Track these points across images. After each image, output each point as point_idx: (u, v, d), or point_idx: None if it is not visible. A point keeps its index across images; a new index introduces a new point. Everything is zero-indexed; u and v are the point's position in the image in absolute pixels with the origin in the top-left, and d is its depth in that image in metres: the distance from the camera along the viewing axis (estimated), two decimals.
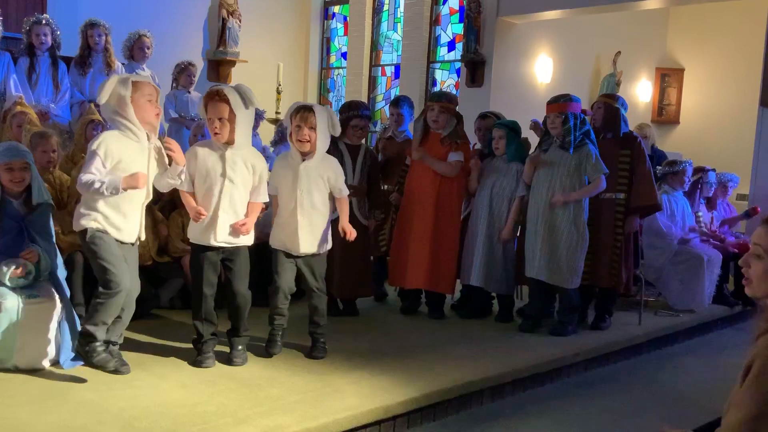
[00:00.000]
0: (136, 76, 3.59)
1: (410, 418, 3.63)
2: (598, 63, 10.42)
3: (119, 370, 3.60)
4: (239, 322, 3.96)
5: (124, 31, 6.88)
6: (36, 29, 6.11)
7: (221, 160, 3.75)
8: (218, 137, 3.74)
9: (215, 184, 3.75)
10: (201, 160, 3.77)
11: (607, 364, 4.94)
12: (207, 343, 3.88)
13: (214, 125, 3.71)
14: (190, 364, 3.84)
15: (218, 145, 3.77)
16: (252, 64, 9.95)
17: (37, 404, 3.18)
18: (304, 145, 4.00)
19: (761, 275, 1.87)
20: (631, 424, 3.88)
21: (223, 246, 3.81)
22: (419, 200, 5.19)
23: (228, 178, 3.75)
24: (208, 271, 3.83)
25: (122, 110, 3.46)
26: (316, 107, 4.05)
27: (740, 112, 9.64)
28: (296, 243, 4.03)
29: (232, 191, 3.77)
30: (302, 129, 3.97)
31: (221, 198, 3.75)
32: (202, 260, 3.81)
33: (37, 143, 4.59)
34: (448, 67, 10.08)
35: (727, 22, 10.34)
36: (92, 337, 3.50)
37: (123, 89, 3.45)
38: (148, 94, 3.52)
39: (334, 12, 11.53)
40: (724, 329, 6.23)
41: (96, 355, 3.51)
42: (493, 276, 5.18)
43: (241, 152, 3.79)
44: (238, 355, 3.92)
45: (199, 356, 3.85)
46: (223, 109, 3.69)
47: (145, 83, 3.55)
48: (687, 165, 6.26)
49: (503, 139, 5.19)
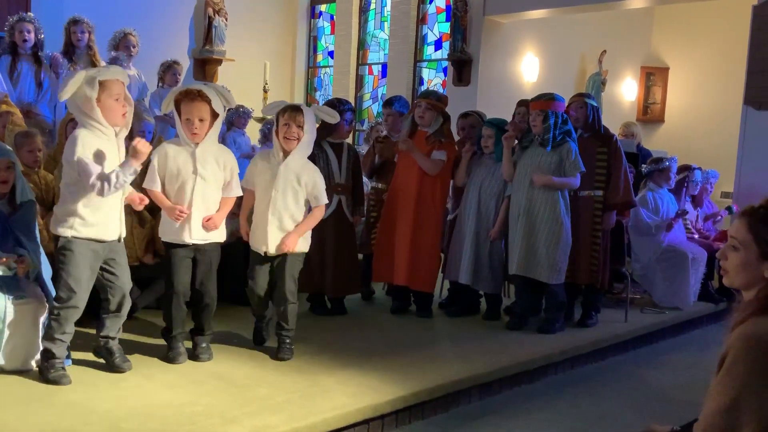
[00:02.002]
0: (104, 73, 3.43)
1: (399, 416, 3.64)
2: (584, 62, 10.47)
3: (121, 367, 3.60)
4: (205, 322, 3.97)
5: (110, 30, 6.83)
6: (19, 27, 6.05)
7: (192, 157, 3.75)
8: (196, 137, 3.74)
9: (187, 181, 3.75)
10: (171, 158, 3.76)
11: (594, 362, 4.97)
12: (177, 339, 3.90)
13: (193, 125, 3.71)
14: (162, 360, 3.84)
15: (188, 142, 3.76)
16: (238, 63, 9.93)
17: (24, 406, 3.15)
18: (291, 143, 4.01)
19: (737, 266, 1.92)
20: (617, 422, 3.90)
21: (196, 243, 3.82)
22: (402, 197, 5.20)
23: (199, 175, 3.75)
24: (182, 268, 3.84)
25: (89, 111, 3.38)
26: (305, 107, 4.08)
27: (725, 110, 9.72)
28: (266, 241, 4.04)
29: (204, 188, 3.78)
30: (291, 127, 3.99)
31: (194, 195, 3.75)
32: (175, 258, 3.82)
33: (22, 142, 4.54)
34: (435, 66, 10.10)
35: (712, 22, 10.42)
36: (50, 354, 3.45)
37: (89, 90, 3.34)
38: (116, 94, 3.42)
39: (321, 11, 11.52)
40: (709, 326, 6.28)
41: (53, 371, 3.43)
42: (481, 274, 5.20)
43: (210, 149, 3.81)
44: (203, 351, 3.94)
45: (171, 352, 3.87)
46: (204, 110, 3.71)
47: (113, 81, 3.41)
48: (672, 162, 6.32)
49: (492, 138, 5.20)
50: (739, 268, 1.91)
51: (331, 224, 4.91)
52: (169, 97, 3.78)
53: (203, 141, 3.76)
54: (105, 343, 3.65)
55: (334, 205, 4.94)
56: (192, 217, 3.76)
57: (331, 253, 4.93)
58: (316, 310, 5.17)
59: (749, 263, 1.89)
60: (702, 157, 8.59)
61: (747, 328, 1.82)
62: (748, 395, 1.74)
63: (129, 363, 3.66)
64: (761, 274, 1.87)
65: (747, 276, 1.90)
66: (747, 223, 1.90)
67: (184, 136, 3.76)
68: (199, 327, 3.99)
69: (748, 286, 1.91)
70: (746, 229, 1.90)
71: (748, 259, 1.89)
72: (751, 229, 1.88)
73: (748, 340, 1.79)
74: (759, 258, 1.87)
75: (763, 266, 1.86)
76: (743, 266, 1.90)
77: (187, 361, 3.90)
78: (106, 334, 3.63)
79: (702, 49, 10.68)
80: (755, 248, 1.87)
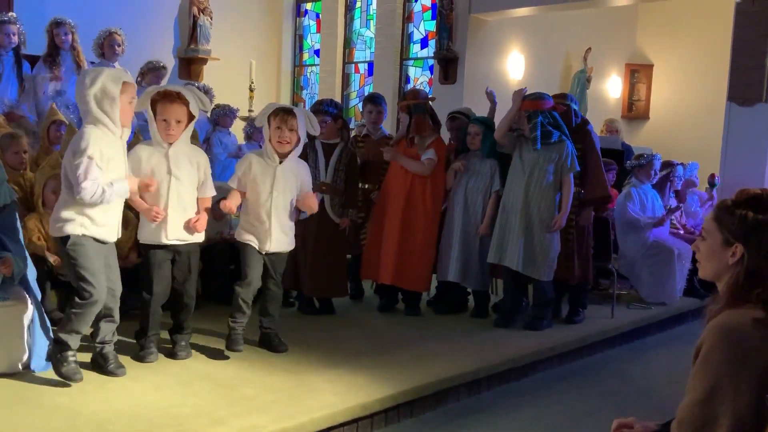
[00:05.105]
0: (126, 75, 3.49)
1: (387, 415, 3.64)
2: (569, 59, 10.52)
3: (115, 374, 3.58)
4: (184, 321, 3.97)
5: (94, 29, 6.77)
6: (2, 28, 6.00)
7: (165, 158, 3.75)
8: (171, 137, 3.75)
9: (162, 182, 3.75)
10: (145, 160, 3.75)
11: (582, 358, 5.00)
12: (150, 339, 3.90)
13: (170, 127, 3.71)
14: (133, 359, 3.83)
15: (161, 143, 3.76)
16: (224, 62, 9.88)
17: (9, 409, 3.13)
18: (284, 146, 4.04)
19: (705, 255, 1.97)
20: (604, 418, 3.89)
21: (174, 244, 3.82)
22: (391, 196, 5.21)
23: (173, 175, 3.76)
24: (160, 270, 3.83)
25: (108, 107, 3.38)
26: (296, 110, 4.09)
27: (709, 107, 9.79)
28: (268, 242, 4.06)
29: (180, 188, 3.78)
30: (283, 131, 4.01)
31: (169, 196, 3.75)
32: (153, 259, 3.81)
33: (8, 144, 4.51)
34: (421, 64, 10.11)
35: (695, 19, 10.50)
36: (65, 346, 3.44)
37: (114, 87, 3.37)
38: (131, 97, 3.48)
39: (307, 9, 11.49)
40: (695, 321, 6.33)
41: (66, 364, 3.43)
42: (469, 272, 5.21)
43: (183, 150, 3.82)
44: (181, 349, 3.94)
45: (143, 351, 3.87)
46: (181, 112, 3.73)
47: (132, 85, 3.49)
48: (654, 158, 6.38)
49: (479, 135, 5.22)
50: (706, 257, 1.97)
51: (313, 223, 4.90)
52: (144, 97, 3.74)
53: (176, 142, 3.77)
54: (101, 349, 3.62)
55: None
56: (168, 218, 3.75)
57: (310, 253, 4.92)
58: (304, 309, 5.16)
59: (714, 251, 1.94)
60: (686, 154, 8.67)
61: (719, 320, 1.86)
62: (723, 386, 1.77)
63: (123, 369, 3.63)
64: (726, 261, 1.91)
65: (714, 265, 1.95)
66: (713, 213, 1.97)
67: (158, 137, 3.75)
68: (178, 326, 3.98)
69: (716, 276, 1.96)
70: (712, 218, 1.96)
71: (714, 247, 1.94)
72: (716, 218, 1.94)
73: (720, 332, 1.83)
74: (722, 245, 1.92)
75: (727, 253, 1.90)
76: (710, 255, 1.95)
77: (172, 361, 3.88)
78: (102, 338, 3.61)
79: (686, 46, 10.75)
80: (719, 236, 1.93)
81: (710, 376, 1.80)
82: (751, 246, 1.86)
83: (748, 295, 1.85)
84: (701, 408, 1.80)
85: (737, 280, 1.88)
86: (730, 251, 1.89)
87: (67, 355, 3.45)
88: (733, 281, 1.89)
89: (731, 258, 1.89)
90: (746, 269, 1.86)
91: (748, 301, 1.85)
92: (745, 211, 1.88)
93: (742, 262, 1.87)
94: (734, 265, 1.89)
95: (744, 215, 1.88)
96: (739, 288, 1.87)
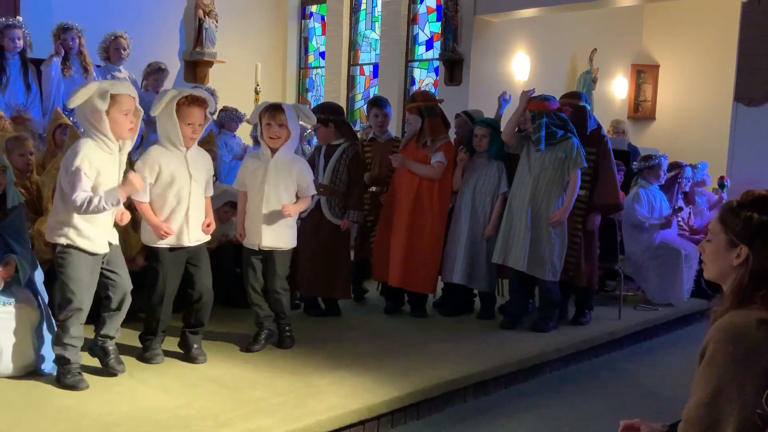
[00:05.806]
0: (117, 87, 3.44)
1: (394, 417, 3.64)
2: (575, 60, 10.50)
3: (115, 369, 3.60)
4: (204, 320, 4.00)
5: (100, 33, 6.80)
6: (8, 33, 6.03)
7: (184, 161, 3.79)
8: (194, 141, 3.81)
9: (183, 186, 3.77)
10: (165, 166, 3.76)
11: (588, 359, 4.98)
12: (156, 340, 3.93)
13: (195, 131, 3.77)
14: (138, 359, 3.84)
15: (179, 147, 3.77)
16: (229, 65, 9.90)
17: (16, 413, 3.13)
18: (275, 141, 4.13)
19: (710, 256, 1.98)
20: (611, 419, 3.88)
21: (192, 245, 3.85)
22: (399, 198, 5.20)
23: (194, 179, 3.81)
24: (176, 271, 3.86)
25: (96, 123, 3.36)
26: (284, 105, 4.18)
27: (715, 107, 9.76)
28: (259, 236, 4.14)
29: (198, 190, 3.85)
30: (272, 126, 4.11)
31: (191, 199, 3.79)
32: (169, 261, 3.83)
33: (14, 147, 4.52)
34: (426, 66, 10.10)
35: (701, 19, 10.46)
36: (64, 360, 3.45)
37: (100, 102, 3.33)
38: (125, 109, 3.41)
39: (312, 11, 11.50)
40: (703, 322, 6.26)
41: (70, 377, 3.44)
42: (475, 273, 5.20)
43: (195, 152, 3.87)
44: (200, 353, 3.97)
45: (149, 352, 3.89)
46: (203, 115, 3.80)
47: (124, 96, 3.41)
48: (662, 159, 6.35)
49: (486, 137, 5.21)
50: (711, 258, 1.97)
51: (309, 223, 4.91)
52: (164, 101, 3.71)
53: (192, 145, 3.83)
54: (102, 343, 3.63)
55: (313, 204, 4.82)
56: (190, 220, 3.79)
57: (306, 253, 4.89)
58: (309, 311, 5.16)
59: (719, 252, 1.94)
60: (693, 154, 8.63)
61: (724, 321, 1.85)
62: (729, 387, 1.77)
63: (123, 366, 3.64)
64: (731, 262, 1.91)
65: (719, 265, 1.95)
66: (719, 215, 1.97)
67: (179, 140, 3.75)
68: (197, 324, 3.98)
69: (721, 277, 1.96)
70: (717, 219, 1.96)
71: (719, 248, 1.94)
72: (721, 219, 1.95)
73: (725, 333, 1.83)
74: (727, 246, 1.92)
75: (732, 255, 1.90)
76: (715, 256, 1.95)
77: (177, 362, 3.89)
78: (106, 332, 3.62)
79: (692, 47, 10.71)
80: (724, 236, 1.93)
81: (715, 377, 1.80)
82: (757, 247, 1.86)
83: (753, 296, 1.85)
84: (707, 409, 1.79)
85: (742, 281, 1.88)
86: (735, 252, 1.89)
87: (70, 368, 3.45)
88: (738, 282, 1.88)
89: (736, 259, 1.89)
90: (751, 270, 1.86)
91: (753, 302, 1.84)
92: (751, 212, 1.88)
93: (747, 264, 1.87)
94: (739, 267, 1.89)
95: (749, 216, 1.87)
96: (744, 289, 1.87)
